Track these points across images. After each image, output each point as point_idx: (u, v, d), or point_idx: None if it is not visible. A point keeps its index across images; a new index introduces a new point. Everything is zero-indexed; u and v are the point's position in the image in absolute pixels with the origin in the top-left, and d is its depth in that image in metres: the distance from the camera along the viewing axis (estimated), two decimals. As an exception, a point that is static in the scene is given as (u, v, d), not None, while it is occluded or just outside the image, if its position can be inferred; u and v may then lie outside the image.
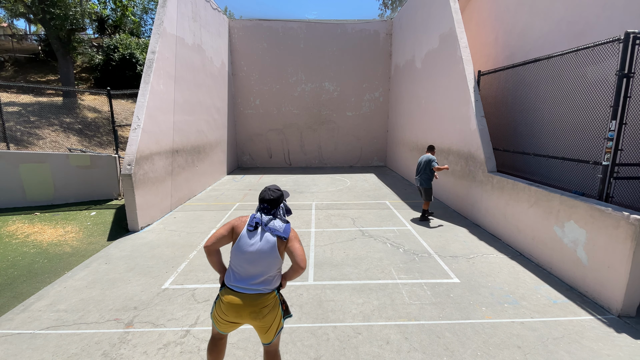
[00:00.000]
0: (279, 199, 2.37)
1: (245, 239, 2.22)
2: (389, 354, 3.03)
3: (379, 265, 4.82)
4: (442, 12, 8.59)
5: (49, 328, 3.42)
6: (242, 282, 2.23)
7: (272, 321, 2.27)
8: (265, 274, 2.23)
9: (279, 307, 2.31)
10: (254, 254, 2.20)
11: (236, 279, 2.24)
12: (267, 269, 2.23)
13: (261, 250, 2.20)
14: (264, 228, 2.24)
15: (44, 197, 7.94)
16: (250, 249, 2.20)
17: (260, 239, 2.22)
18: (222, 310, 2.24)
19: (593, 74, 5.03)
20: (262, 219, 2.27)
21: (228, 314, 2.22)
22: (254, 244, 2.21)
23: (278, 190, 2.40)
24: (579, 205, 4.16)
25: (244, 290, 2.21)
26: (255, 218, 2.28)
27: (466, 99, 7.22)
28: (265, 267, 2.23)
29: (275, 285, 2.30)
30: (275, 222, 2.28)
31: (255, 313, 2.20)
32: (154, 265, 4.86)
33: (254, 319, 2.23)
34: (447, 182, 8.22)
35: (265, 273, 2.23)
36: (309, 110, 14.65)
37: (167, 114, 7.85)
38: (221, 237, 2.29)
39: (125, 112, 15.19)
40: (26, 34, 24.66)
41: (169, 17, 8.02)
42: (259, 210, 2.35)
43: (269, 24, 13.91)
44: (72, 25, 14.18)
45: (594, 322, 3.51)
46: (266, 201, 2.33)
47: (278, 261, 2.27)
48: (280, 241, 2.24)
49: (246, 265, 2.22)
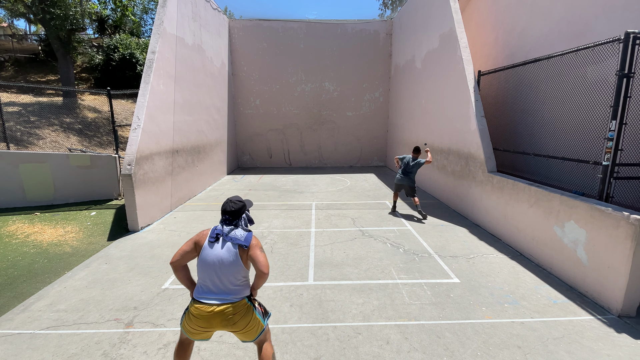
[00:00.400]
0: (240, 210, 2.40)
1: (208, 251, 2.27)
2: (389, 354, 3.03)
3: (379, 265, 4.82)
4: (442, 12, 8.59)
5: (49, 328, 3.42)
6: (210, 294, 2.26)
7: (245, 325, 2.31)
8: (231, 283, 2.27)
9: (252, 311, 2.35)
10: (217, 264, 2.24)
11: (204, 291, 2.28)
12: (232, 279, 2.27)
13: (223, 260, 2.25)
14: (225, 238, 2.29)
15: (44, 197, 7.94)
16: (213, 260, 2.25)
17: (221, 249, 2.26)
18: (192, 322, 2.27)
19: (593, 74, 5.03)
20: (223, 230, 2.31)
21: (199, 324, 2.25)
22: (216, 255, 2.25)
23: (240, 202, 2.43)
24: (579, 205, 4.16)
25: (212, 301, 2.24)
26: (216, 230, 2.33)
27: (466, 99, 7.22)
28: (231, 277, 2.27)
29: (244, 294, 2.33)
30: (237, 232, 2.32)
31: (226, 321, 2.25)
32: (154, 265, 4.86)
33: (225, 326, 2.27)
34: (448, 182, 8.22)
35: (232, 283, 2.27)
36: (309, 110, 14.65)
37: (167, 114, 7.85)
38: (185, 253, 2.32)
39: (125, 112, 15.19)
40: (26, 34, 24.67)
41: (169, 17, 8.02)
42: (221, 221, 2.39)
43: (269, 24, 13.91)
44: (72, 25, 14.18)
45: (594, 322, 3.51)
46: (228, 212, 2.37)
47: (242, 269, 2.31)
48: (242, 250, 2.29)
49: (211, 277, 2.26)
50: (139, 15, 21.50)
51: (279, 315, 3.62)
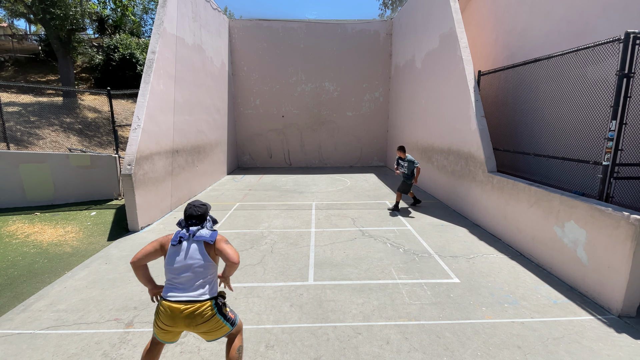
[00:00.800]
0: (205, 214, 2.50)
1: (174, 252, 2.35)
2: (389, 354, 3.03)
3: (379, 265, 4.82)
4: (442, 12, 8.59)
5: (49, 328, 3.42)
6: (177, 291, 2.32)
7: (208, 328, 2.35)
8: (198, 279, 2.34)
9: (216, 316, 2.37)
10: (184, 264, 2.33)
11: (171, 290, 2.33)
12: (200, 275, 2.35)
13: (190, 258, 2.33)
14: (192, 239, 2.38)
15: (44, 197, 7.94)
16: (179, 260, 2.33)
17: (187, 249, 2.35)
18: (161, 320, 2.32)
19: (593, 74, 5.03)
20: (189, 232, 2.39)
21: (166, 322, 2.31)
22: (182, 256, 2.34)
23: (203, 205, 2.52)
24: (579, 205, 4.16)
25: (179, 298, 2.29)
26: (180, 233, 2.40)
27: (466, 99, 7.22)
28: (198, 274, 2.34)
29: (210, 293, 2.37)
30: (202, 231, 2.41)
31: (190, 320, 2.29)
32: (154, 265, 4.84)
33: (188, 326, 2.32)
34: (448, 182, 8.22)
35: (199, 278, 2.34)
36: (309, 110, 14.65)
37: (167, 114, 7.85)
38: (148, 254, 2.39)
39: (125, 112, 15.19)
40: (26, 34, 24.66)
41: (169, 17, 8.02)
42: (184, 226, 2.46)
43: (269, 24, 13.91)
44: (72, 25, 14.19)
45: (594, 322, 3.51)
46: (194, 217, 2.45)
47: (211, 265, 2.39)
48: (208, 246, 2.38)
49: (178, 276, 2.33)
50: (139, 15, 21.50)
51: (279, 315, 3.62)
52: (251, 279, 4.44)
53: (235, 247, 5.66)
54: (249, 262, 4.95)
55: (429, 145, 9.59)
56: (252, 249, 5.44)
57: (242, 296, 4.01)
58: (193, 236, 2.37)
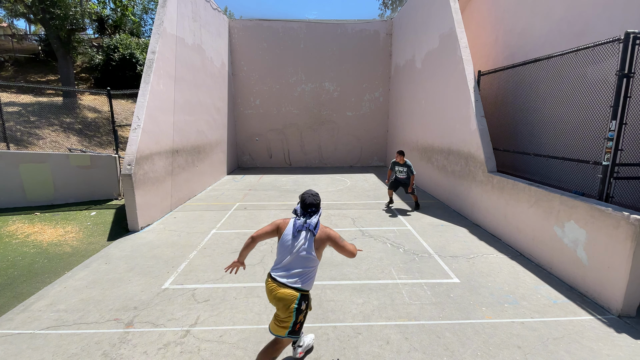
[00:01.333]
0: (320, 202, 2.72)
1: (288, 238, 2.55)
2: (389, 354, 3.03)
3: (379, 265, 4.82)
4: (442, 12, 8.59)
5: (49, 328, 3.42)
6: (280, 270, 2.54)
7: (284, 316, 2.51)
8: (298, 267, 2.53)
9: (292, 310, 2.48)
10: (295, 251, 2.53)
11: (277, 268, 2.57)
12: (302, 265, 2.53)
13: (300, 248, 2.53)
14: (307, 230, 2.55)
15: (44, 197, 7.94)
16: (290, 246, 2.54)
17: (300, 240, 2.54)
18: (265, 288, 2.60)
19: (593, 74, 5.03)
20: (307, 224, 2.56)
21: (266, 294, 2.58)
22: (295, 244, 2.53)
23: (318, 194, 2.76)
24: (579, 205, 4.16)
25: (280, 279, 2.51)
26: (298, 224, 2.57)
27: (466, 99, 7.22)
28: (302, 264, 2.53)
29: (304, 286, 2.53)
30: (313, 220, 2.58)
31: (276, 301, 2.49)
32: (154, 265, 4.86)
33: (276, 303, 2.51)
34: (448, 182, 8.22)
35: (300, 267, 2.53)
36: (309, 110, 14.65)
37: (167, 114, 7.85)
38: (265, 233, 2.66)
39: (125, 112, 15.19)
40: (26, 34, 24.65)
41: (169, 17, 8.02)
42: (302, 214, 2.64)
43: (269, 24, 13.91)
44: (72, 25, 14.18)
45: (594, 322, 3.51)
46: (313, 205, 2.66)
47: (314, 260, 2.56)
48: (317, 242, 2.55)
49: (286, 259, 2.54)
50: (139, 15, 21.49)
51: (279, 315, 3.62)
52: (251, 279, 4.44)
53: (235, 247, 5.67)
54: (249, 262, 4.95)
55: (429, 145, 9.59)
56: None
57: (242, 296, 4.01)
58: (309, 228, 2.54)
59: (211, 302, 3.89)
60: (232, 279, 4.45)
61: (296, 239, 2.53)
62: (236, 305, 3.82)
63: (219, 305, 3.83)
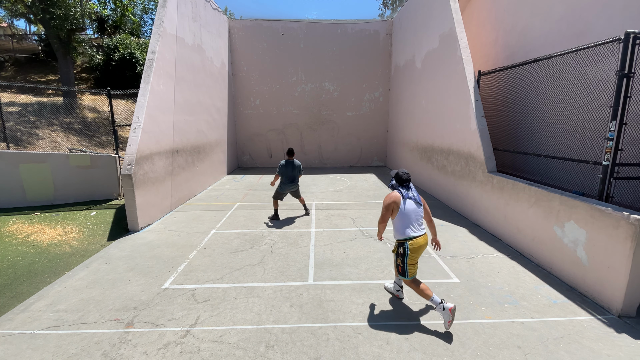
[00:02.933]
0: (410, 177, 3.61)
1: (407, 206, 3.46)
2: (389, 354, 3.03)
3: (379, 265, 4.82)
4: (442, 12, 8.59)
5: (49, 328, 3.42)
6: (417, 230, 3.45)
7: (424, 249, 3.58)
8: (422, 222, 3.54)
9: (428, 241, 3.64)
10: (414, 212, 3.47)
11: (413, 230, 3.44)
12: (421, 220, 3.53)
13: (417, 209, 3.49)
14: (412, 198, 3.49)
15: (44, 197, 7.94)
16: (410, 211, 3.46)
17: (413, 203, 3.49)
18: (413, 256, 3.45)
19: (593, 74, 5.03)
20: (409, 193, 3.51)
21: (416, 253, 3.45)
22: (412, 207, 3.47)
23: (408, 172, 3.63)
24: (579, 205, 4.16)
25: (419, 232, 3.46)
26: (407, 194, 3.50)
27: (466, 99, 7.22)
28: (421, 218, 3.52)
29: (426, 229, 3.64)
30: (413, 192, 3.54)
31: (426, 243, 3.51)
32: (154, 265, 4.86)
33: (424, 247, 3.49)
34: (448, 182, 8.22)
35: (422, 222, 3.54)
36: (309, 110, 14.65)
37: (167, 114, 7.85)
38: (389, 214, 3.52)
39: (125, 112, 15.19)
40: (26, 34, 24.65)
41: (169, 17, 8.02)
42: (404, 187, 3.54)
43: (269, 24, 13.91)
44: (72, 25, 14.18)
45: (594, 322, 3.51)
46: (410, 180, 3.58)
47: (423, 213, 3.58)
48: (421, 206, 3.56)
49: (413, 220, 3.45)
50: (139, 15, 21.50)
51: (279, 315, 3.62)
52: (251, 279, 4.44)
53: (235, 247, 5.68)
54: (249, 262, 4.95)
55: (429, 145, 9.59)
56: (252, 249, 5.44)
57: (242, 296, 4.01)
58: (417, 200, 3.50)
59: (211, 302, 3.89)
60: (232, 279, 4.45)
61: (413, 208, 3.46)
62: (236, 305, 3.82)
63: (219, 305, 3.83)
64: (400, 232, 3.45)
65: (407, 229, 3.41)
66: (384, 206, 3.49)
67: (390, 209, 3.46)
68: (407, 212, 3.41)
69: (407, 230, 3.41)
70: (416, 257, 3.45)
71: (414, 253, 3.41)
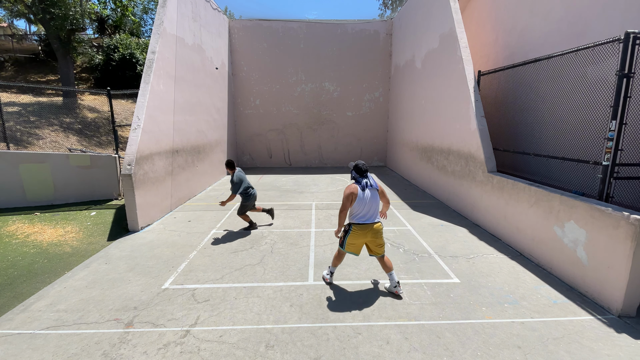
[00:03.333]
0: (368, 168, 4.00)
1: (362, 195, 3.81)
2: (389, 354, 3.03)
3: (379, 266, 4.82)
4: (442, 12, 8.59)
5: (49, 328, 3.42)
6: (365, 218, 3.83)
7: (380, 241, 3.94)
8: (375, 210, 3.90)
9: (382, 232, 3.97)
10: (369, 200, 3.83)
11: (362, 218, 3.83)
12: (376, 207, 3.90)
13: (372, 198, 3.85)
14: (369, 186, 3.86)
15: (44, 197, 7.94)
16: (367, 199, 3.82)
17: (370, 193, 3.85)
18: (355, 237, 3.87)
19: (593, 74, 5.03)
20: (368, 181, 3.88)
21: (359, 238, 3.87)
22: (368, 196, 3.83)
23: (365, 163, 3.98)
24: (579, 205, 4.16)
25: (369, 221, 3.84)
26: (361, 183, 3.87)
27: (466, 99, 7.21)
28: (375, 207, 3.89)
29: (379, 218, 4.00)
30: (370, 180, 3.92)
31: (374, 233, 3.87)
32: (154, 265, 4.86)
33: (373, 236, 3.87)
34: (448, 182, 8.22)
35: (376, 210, 3.90)
36: (309, 110, 14.65)
37: (167, 114, 7.85)
38: (349, 203, 3.84)
39: (125, 112, 15.19)
40: (26, 34, 24.63)
41: (169, 17, 8.02)
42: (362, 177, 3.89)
43: (269, 24, 13.91)
44: (72, 25, 14.18)
45: (594, 322, 3.51)
46: (367, 170, 3.96)
47: (379, 202, 3.96)
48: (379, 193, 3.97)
49: (366, 208, 3.82)
50: (139, 15, 21.49)
51: (279, 315, 3.62)
52: (251, 279, 4.44)
53: (235, 247, 5.67)
54: (249, 262, 4.95)
55: (429, 145, 9.59)
56: (252, 249, 5.44)
57: (242, 296, 4.01)
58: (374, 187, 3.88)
59: (211, 302, 3.89)
60: (232, 279, 4.45)
61: (366, 195, 3.81)
62: (236, 305, 3.82)
63: (219, 305, 3.83)
64: (353, 217, 3.88)
65: (361, 216, 3.82)
66: (344, 197, 3.84)
67: (350, 199, 3.80)
68: (364, 200, 3.79)
69: (360, 217, 3.82)
70: (360, 242, 3.89)
71: (356, 238, 3.85)
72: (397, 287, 3.99)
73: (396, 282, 4.00)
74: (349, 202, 3.83)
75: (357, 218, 3.83)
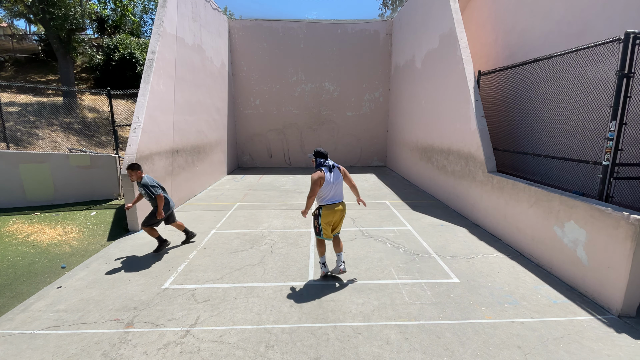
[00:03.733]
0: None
1: (329, 178, 4.09)
2: (389, 354, 3.03)
3: (379, 265, 4.82)
4: (442, 12, 8.59)
5: (49, 328, 3.42)
6: (333, 199, 4.15)
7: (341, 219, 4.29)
8: (340, 190, 4.22)
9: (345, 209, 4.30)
10: (335, 183, 4.14)
11: (330, 200, 4.14)
12: (341, 188, 4.23)
13: (338, 179, 4.17)
14: (333, 168, 4.16)
15: (44, 197, 7.94)
16: (333, 182, 4.12)
17: (335, 174, 4.16)
18: (326, 217, 4.12)
19: (593, 74, 5.03)
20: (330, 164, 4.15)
21: (329, 217, 4.13)
22: (334, 178, 4.13)
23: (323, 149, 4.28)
24: (579, 205, 4.16)
25: (335, 201, 4.16)
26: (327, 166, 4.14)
27: (466, 99, 7.22)
28: (340, 187, 4.21)
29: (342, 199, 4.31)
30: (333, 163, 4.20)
31: (341, 211, 4.22)
32: (154, 265, 4.86)
33: (340, 217, 4.22)
34: (448, 182, 8.22)
35: (341, 190, 4.23)
36: (309, 110, 14.65)
37: (167, 114, 7.85)
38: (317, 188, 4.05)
39: (125, 112, 15.19)
40: (26, 34, 24.64)
41: (169, 17, 8.02)
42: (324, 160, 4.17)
43: (269, 24, 13.91)
44: (72, 25, 14.18)
45: (594, 322, 3.51)
46: (326, 154, 4.25)
47: (342, 182, 4.26)
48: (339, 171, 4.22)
49: (333, 190, 4.13)
50: (139, 15, 21.50)
51: (279, 315, 3.62)
52: (251, 279, 4.44)
53: (235, 247, 5.68)
54: (249, 262, 4.95)
55: (429, 145, 9.59)
56: (252, 249, 5.44)
57: (242, 296, 4.01)
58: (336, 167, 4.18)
59: (211, 302, 3.89)
60: (232, 279, 4.45)
61: (332, 177, 4.11)
62: (236, 305, 3.82)
63: (219, 305, 3.83)
64: (321, 200, 4.15)
65: (329, 198, 4.11)
66: (313, 182, 4.05)
67: (318, 184, 4.03)
68: (331, 183, 4.08)
69: (329, 199, 4.11)
70: (331, 220, 4.15)
71: (327, 217, 4.11)
72: (342, 266, 4.30)
73: (341, 262, 4.33)
74: (317, 187, 4.04)
75: (325, 200, 4.11)
